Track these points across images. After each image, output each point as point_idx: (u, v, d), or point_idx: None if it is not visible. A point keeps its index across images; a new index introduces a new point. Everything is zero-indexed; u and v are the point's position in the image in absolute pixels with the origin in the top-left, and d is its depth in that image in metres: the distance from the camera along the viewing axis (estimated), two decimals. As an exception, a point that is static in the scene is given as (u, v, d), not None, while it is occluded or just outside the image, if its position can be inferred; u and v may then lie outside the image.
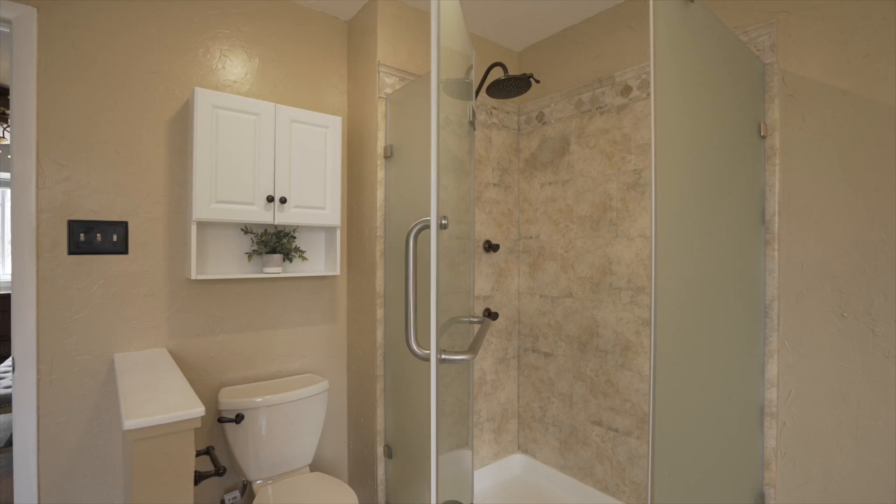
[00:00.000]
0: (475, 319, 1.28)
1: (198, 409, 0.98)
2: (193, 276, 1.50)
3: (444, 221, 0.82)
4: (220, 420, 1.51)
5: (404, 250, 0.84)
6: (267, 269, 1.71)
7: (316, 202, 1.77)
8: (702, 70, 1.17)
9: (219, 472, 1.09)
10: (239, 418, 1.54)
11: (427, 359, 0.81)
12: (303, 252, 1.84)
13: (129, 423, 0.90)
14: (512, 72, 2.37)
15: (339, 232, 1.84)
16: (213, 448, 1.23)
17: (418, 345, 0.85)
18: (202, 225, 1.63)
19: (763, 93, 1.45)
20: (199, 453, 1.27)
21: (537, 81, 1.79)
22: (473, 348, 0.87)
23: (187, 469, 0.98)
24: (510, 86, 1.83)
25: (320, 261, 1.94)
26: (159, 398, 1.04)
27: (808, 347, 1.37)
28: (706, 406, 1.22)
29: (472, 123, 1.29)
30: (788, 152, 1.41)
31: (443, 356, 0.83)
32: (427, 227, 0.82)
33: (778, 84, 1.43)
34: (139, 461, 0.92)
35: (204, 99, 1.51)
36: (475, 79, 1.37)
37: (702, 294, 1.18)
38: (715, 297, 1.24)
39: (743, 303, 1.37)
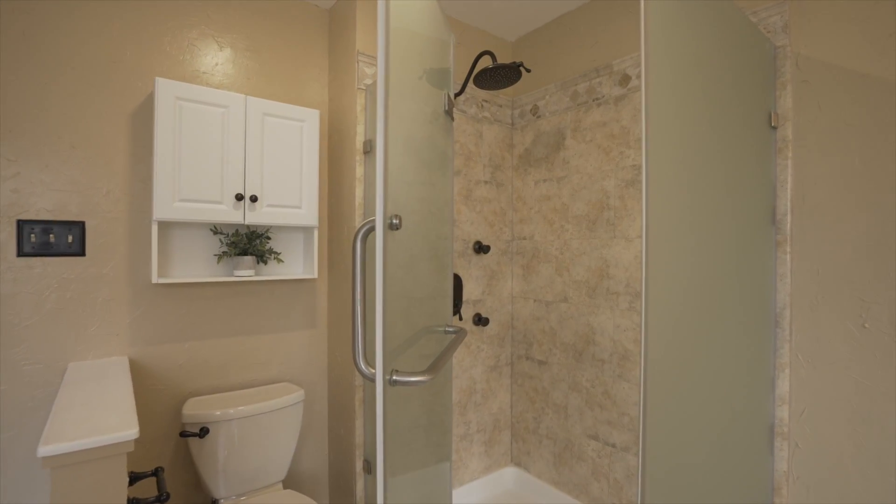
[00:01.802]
0: (450, 329, 1.16)
1: (129, 432, 0.87)
2: (154, 280, 1.40)
3: (394, 221, 0.70)
4: (183, 434, 1.41)
5: (351, 254, 0.72)
6: (238, 272, 1.60)
7: (291, 201, 1.66)
8: (703, 53, 1.04)
9: (161, 497, 0.98)
10: (203, 432, 1.43)
11: (374, 379, 0.69)
12: (278, 254, 1.73)
13: (45, 450, 0.79)
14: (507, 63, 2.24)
15: (316, 232, 1.73)
16: (161, 470, 1.12)
17: (367, 363, 0.73)
18: (166, 225, 1.53)
19: (774, 79, 1.31)
20: (144, 476, 1.16)
21: (528, 70, 1.67)
22: (433, 368, 0.75)
23: (118, 499, 0.87)
24: (499, 75, 1.70)
25: (298, 263, 1.83)
26: (94, 417, 0.94)
27: (825, 361, 1.23)
28: (708, 424, 1.09)
29: (448, 113, 1.17)
30: (802, 144, 1.27)
31: (394, 377, 0.71)
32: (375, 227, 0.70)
33: (791, 69, 1.29)
34: (58, 492, 0.81)
35: (166, 90, 1.41)
36: (453, 67, 1.25)
37: (703, 300, 1.06)
38: (718, 304, 1.11)
39: (751, 311, 1.23)
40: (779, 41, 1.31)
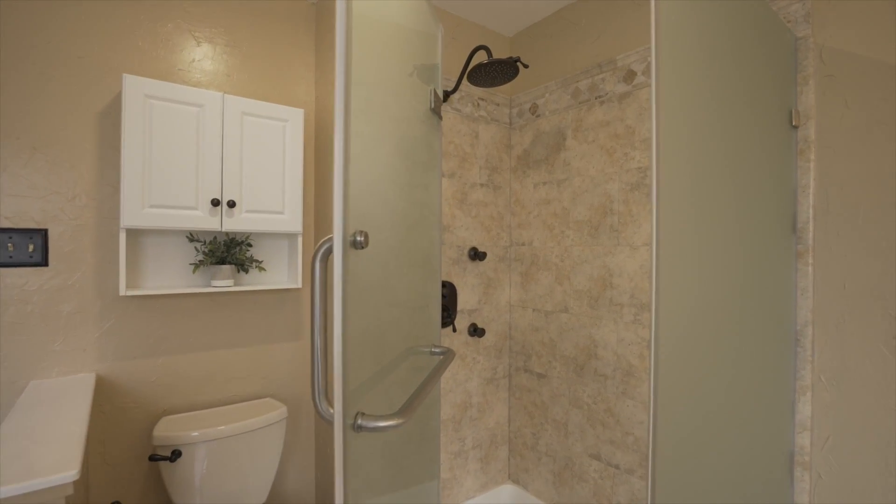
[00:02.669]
0: (437, 350, 1.05)
1: (66, 474, 0.77)
2: (122, 293, 1.30)
3: (357, 239, 0.59)
4: (153, 458, 1.31)
5: (311, 276, 0.61)
6: (215, 283, 1.50)
7: (272, 206, 1.56)
8: (718, 46, 0.93)
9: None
10: (175, 455, 1.33)
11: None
12: (259, 262, 1.63)
13: (-37, 498, 0.69)
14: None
15: (300, 239, 1.63)
16: (118, 504, 1.02)
17: (329, 401, 0.63)
18: (137, 232, 1.44)
19: (795, 73, 1.19)
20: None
21: (525, 66, 1.56)
22: (408, 408, 0.64)
23: (54, 549, 0.77)
24: (495, 72, 1.59)
25: (282, 272, 1.73)
26: (32, 453, 0.84)
27: (851, 384, 1.12)
28: (723, 450, 0.98)
29: (435, 111, 1.06)
30: (827, 145, 1.16)
31: (359, 422, 0.60)
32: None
33: (814, 62, 1.17)
34: (-20, 545, 0.71)
35: (134, 87, 1.31)
36: (442, 62, 1.14)
37: (716, 315, 0.95)
38: (733, 320, 1.00)
39: (769, 327, 1.12)
40: (800, 31, 1.19)
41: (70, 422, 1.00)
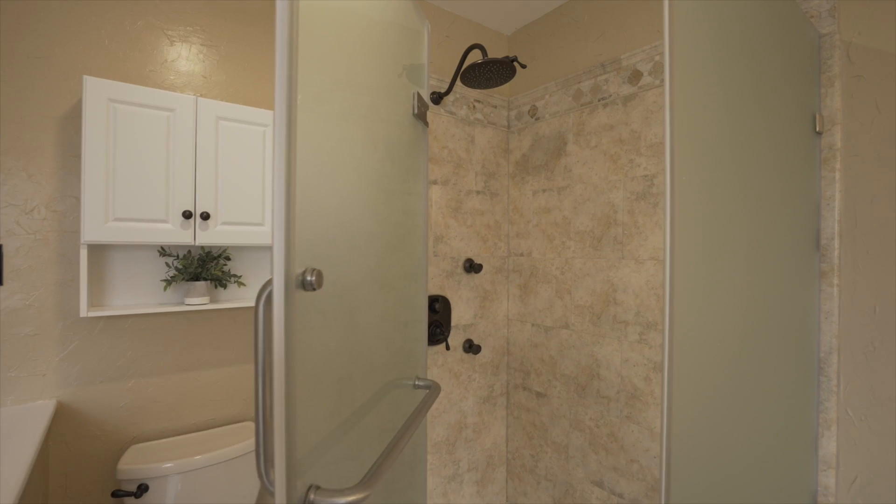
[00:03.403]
0: (420, 384, 0.94)
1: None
2: (84, 314, 1.20)
3: (307, 279, 0.49)
4: (115, 494, 1.21)
5: (254, 324, 0.51)
6: (189, 300, 1.40)
7: (251, 217, 1.45)
8: (732, 44, 0.82)
9: None
10: (141, 490, 1.23)
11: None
12: (239, 277, 1.52)
13: None
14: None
15: (281, 252, 1.52)
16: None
17: (274, 471, 0.52)
18: (102, 248, 1.33)
19: (819, 74, 1.08)
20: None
21: (523, 66, 1.45)
22: (370, 481, 0.53)
23: None
24: (490, 72, 1.49)
25: (263, 286, 1.62)
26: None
27: (883, 419, 1.01)
28: (739, 487, 0.88)
29: (419, 117, 0.95)
30: (855, 153, 1.04)
31: (311, 499, 0.50)
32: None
33: (840, 61, 1.06)
34: None
35: (96, 90, 1.21)
36: (428, 61, 1.04)
37: (731, 339, 0.85)
38: (749, 346, 0.89)
39: (789, 354, 1.01)
40: (824, 28, 1.08)
41: (12, 462, 0.89)
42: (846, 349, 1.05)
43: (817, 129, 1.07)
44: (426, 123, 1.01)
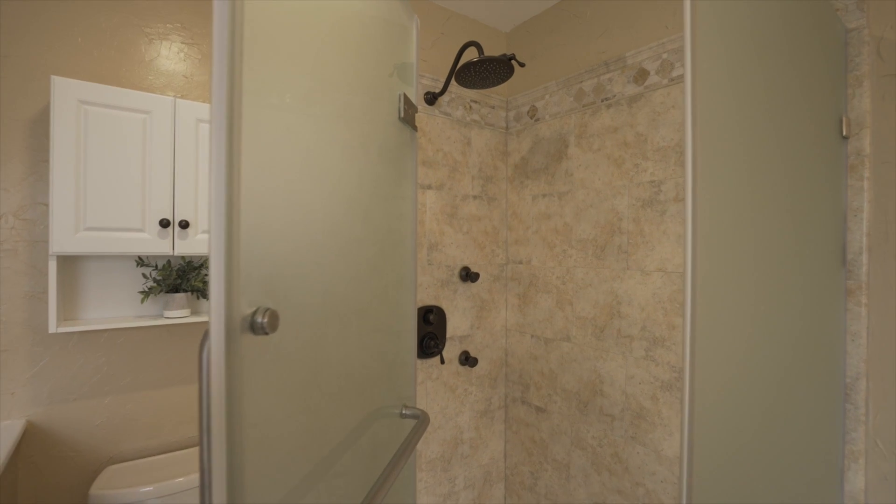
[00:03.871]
0: (407, 412, 0.86)
1: None
2: (53, 329, 1.13)
3: (258, 320, 0.40)
4: (86, 522, 1.13)
5: (198, 375, 0.43)
6: (169, 313, 1.32)
7: (234, 225, 1.37)
8: (750, 41, 0.73)
9: None
10: (113, 517, 1.15)
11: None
12: (221, 287, 1.45)
13: None
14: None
15: (267, 262, 1.44)
16: None
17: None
18: (73, 258, 1.26)
19: (845, 73, 0.99)
20: None
21: (521, 64, 1.36)
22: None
23: None
24: (487, 71, 1.40)
25: (248, 296, 1.54)
26: None
27: (915, 453, 0.91)
28: None
29: (405, 121, 0.87)
30: (885, 160, 0.95)
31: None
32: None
33: (869, 58, 0.96)
34: None
35: (65, 91, 1.13)
36: (418, 59, 0.95)
37: (749, 364, 0.76)
38: (768, 371, 0.80)
39: (812, 380, 0.92)
40: (851, 22, 0.98)
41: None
42: (875, 374, 0.96)
43: (844, 134, 0.97)
44: (415, 127, 0.93)
